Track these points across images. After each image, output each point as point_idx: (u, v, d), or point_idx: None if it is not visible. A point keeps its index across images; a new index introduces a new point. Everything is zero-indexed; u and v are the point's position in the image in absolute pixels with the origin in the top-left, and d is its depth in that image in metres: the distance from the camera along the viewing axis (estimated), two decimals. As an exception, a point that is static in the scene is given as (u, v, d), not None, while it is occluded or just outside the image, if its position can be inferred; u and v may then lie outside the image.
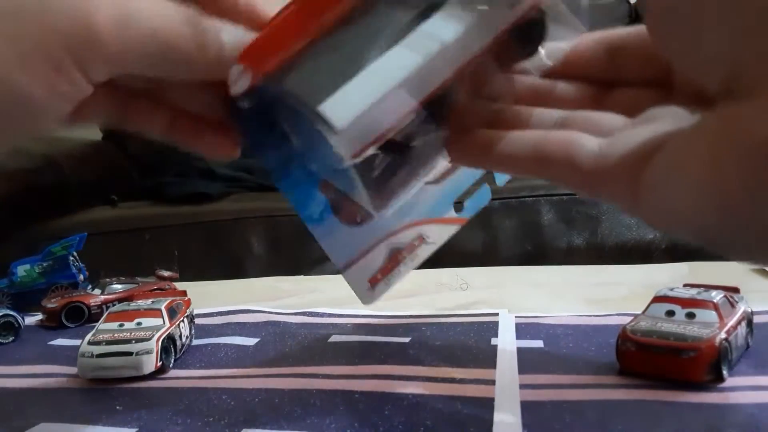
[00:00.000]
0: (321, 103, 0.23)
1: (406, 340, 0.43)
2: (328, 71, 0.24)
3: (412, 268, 0.35)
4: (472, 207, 0.37)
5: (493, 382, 0.35)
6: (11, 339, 0.49)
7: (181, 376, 0.39)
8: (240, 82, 0.25)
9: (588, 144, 0.23)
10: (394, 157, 0.27)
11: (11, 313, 0.49)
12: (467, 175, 0.35)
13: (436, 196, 0.35)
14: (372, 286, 0.34)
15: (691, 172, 0.19)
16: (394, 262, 0.34)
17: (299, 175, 0.28)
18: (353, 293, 0.35)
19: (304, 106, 0.23)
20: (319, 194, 0.30)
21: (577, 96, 0.28)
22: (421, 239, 0.35)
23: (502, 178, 0.36)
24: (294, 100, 0.24)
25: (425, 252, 0.35)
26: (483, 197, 0.37)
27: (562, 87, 0.28)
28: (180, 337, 0.42)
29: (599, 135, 0.24)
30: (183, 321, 0.43)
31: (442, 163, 0.31)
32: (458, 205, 0.36)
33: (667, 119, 0.23)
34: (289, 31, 0.25)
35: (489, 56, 0.25)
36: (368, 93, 0.23)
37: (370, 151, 0.24)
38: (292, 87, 0.24)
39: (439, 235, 0.35)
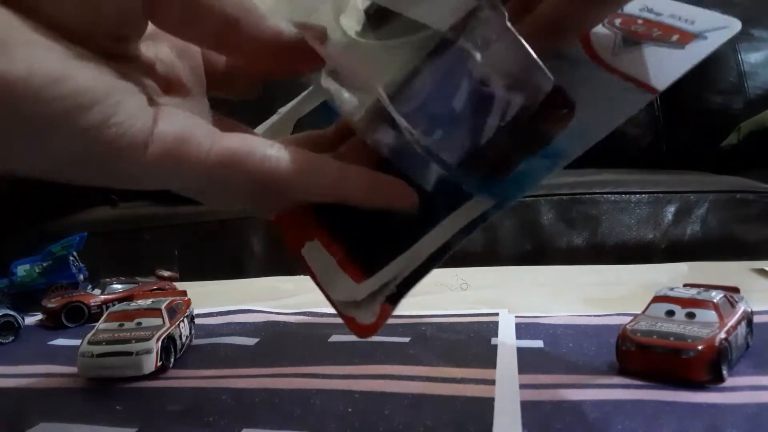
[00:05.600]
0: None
1: (406, 340, 0.43)
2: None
3: None
4: None
5: (493, 382, 0.35)
6: (11, 339, 0.49)
7: (181, 376, 0.39)
8: None
9: None
10: None
11: (11, 313, 0.49)
12: None
13: None
14: None
15: None
16: None
17: None
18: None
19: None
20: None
21: None
22: None
23: None
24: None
25: None
26: None
27: None
28: (180, 337, 0.42)
29: None
30: (183, 321, 0.43)
31: None
32: None
33: None
34: None
35: None
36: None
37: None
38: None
39: None
